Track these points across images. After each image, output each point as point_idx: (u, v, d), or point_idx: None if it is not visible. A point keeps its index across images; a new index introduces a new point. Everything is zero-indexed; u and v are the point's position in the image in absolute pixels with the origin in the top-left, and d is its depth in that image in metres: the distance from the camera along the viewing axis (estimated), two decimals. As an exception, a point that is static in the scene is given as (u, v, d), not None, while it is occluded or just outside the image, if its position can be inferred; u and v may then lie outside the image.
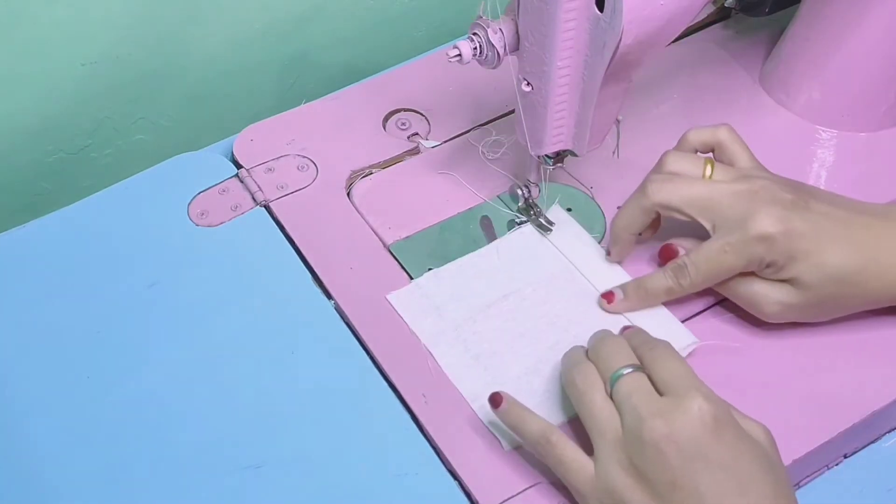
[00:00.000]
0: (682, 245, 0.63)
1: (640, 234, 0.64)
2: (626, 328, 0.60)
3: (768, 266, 0.59)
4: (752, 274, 0.60)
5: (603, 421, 0.53)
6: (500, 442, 0.58)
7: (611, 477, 0.52)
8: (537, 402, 0.59)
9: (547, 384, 0.60)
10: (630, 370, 0.53)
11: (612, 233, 0.64)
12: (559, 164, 0.65)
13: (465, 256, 0.67)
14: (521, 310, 0.64)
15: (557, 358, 0.59)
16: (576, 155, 0.64)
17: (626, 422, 0.52)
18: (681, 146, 0.65)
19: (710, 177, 0.61)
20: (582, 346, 0.58)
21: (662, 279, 0.62)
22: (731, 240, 0.59)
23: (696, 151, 0.64)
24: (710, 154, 0.64)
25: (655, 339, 0.56)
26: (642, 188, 0.62)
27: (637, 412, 0.51)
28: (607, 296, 0.63)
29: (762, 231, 0.58)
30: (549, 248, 0.67)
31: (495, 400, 0.56)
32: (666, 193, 0.61)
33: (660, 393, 0.52)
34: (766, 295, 0.60)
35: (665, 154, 0.63)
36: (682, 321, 0.63)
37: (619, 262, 0.66)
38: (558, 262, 0.66)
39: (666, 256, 0.63)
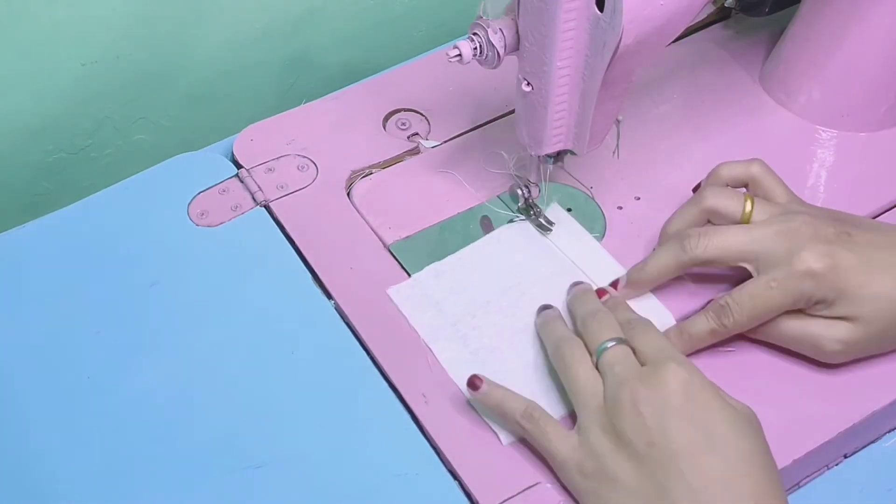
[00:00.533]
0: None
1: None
2: (599, 291, 0.62)
3: (818, 303, 0.58)
4: (806, 315, 0.59)
5: (588, 391, 0.55)
6: (497, 437, 0.58)
7: (592, 441, 0.53)
8: (535, 397, 0.59)
9: (545, 379, 0.60)
10: (614, 343, 0.56)
11: (637, 278, 0.62)
12: (559, 164, 0.65)
13: (466, 247, 0.67)
14: (521, 305, 0.64)
15: (557, 354, 0.59)
16: (576, 155, 0.64)
17: (608, 387, 0.54)
18: (712, 181, 0.64)
19: (751, 213, 0.60)
20: (561, 319, 0.61)
21: (704, 322, 0.60)
22: (776, 276, 0.57)
23: (727, 186, 0.63)
24: (744, 189, 0.63)
25: (639, 317, 0.59)
26: (680, 244, 0.60)
27: (618, 378, 0.53)
28: None
29: (808, 267, 0.57)
30: (548, 245, 0.67)
31: (474, 383, 0.57)
32: (703, 249, 0.59)
33: (641, 364, 0.55)
34: (823, 335, 0.58)
35: (704, 188, 0.62)
36: (679, 321, 0.62)
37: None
38: (558, 259, 0.66)
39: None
